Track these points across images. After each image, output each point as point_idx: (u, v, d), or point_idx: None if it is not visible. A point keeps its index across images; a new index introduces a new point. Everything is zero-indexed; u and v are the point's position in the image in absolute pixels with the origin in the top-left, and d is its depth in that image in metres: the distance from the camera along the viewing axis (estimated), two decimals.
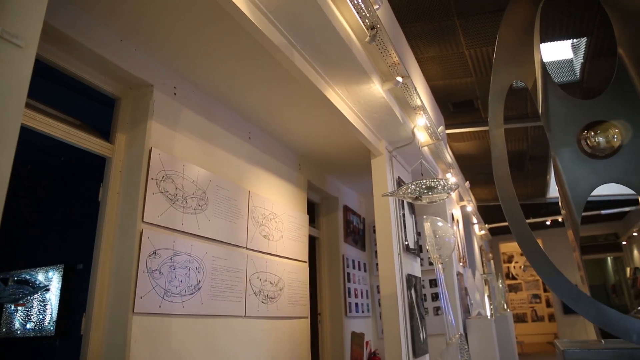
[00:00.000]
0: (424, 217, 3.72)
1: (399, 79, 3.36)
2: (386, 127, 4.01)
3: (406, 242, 4.25)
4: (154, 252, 2.77)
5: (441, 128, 4.81)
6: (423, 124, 4.15)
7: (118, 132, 2.94)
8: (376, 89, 3.38)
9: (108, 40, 2.71)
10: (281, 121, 4.13)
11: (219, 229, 3.42)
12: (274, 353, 3.81)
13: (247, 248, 3.71)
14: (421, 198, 3.21)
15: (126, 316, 2.52)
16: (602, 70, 4.98)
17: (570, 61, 5.26)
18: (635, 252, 13.02)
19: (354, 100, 3.53)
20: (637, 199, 1.96)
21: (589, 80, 5.15)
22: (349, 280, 5.70)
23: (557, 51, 5.22)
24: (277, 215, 4.25)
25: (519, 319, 14.76)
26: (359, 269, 6.16)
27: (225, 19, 2.63)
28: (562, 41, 4.64)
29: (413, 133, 4.20)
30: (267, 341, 3.77)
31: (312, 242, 5.44)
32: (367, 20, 2.80)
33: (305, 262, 4.64)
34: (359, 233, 6.37)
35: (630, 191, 1.91)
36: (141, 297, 2.60)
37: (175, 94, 3.22)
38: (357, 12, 2.75)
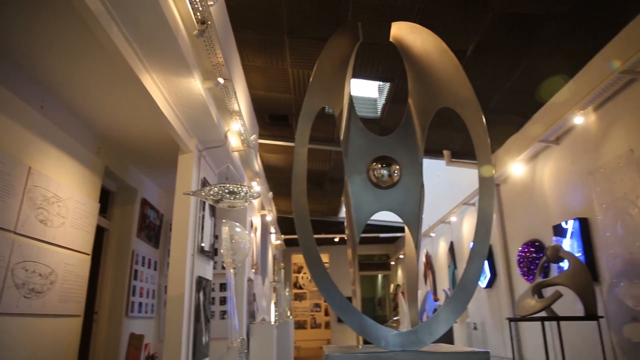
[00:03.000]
0: (224, 221, 3.73)
1: (221, 80, 3.34)
2: (200, 126, 3.92)
3: (202, 244, 4.19)
4: None
5: (254, 137, 4.92)
6: (237, 130, 4.18)
7: None
8: (196, 85, 3.29)
9: None
10: (84, 96, 3.69)
11: None
12: (31, 356, 3.31)
13: (14, 232, 3.17)
14: (222, 201, 3.21)
15: None
16: (398, 113, 5.77)
17: (375, 100, 5.97)
18: (399, 271, 15.29)
19: (171, 91, 3.36)
20: (404, 227, 2.28)
21: (386, 120, 5.92)
22: (135, 278, 5.34)
23: (366, 89, 5.88)
24: (61, 199, 3.76)
25: (300, 325, 15.83)
26: (149, 267, 5.83)
27: None
28: (371, 81, 5.25)
29: (226, 136, 4.20)
30: (24, 343, 3.25)
31: (100, 233, 4.95)
32: (198, 14, 2.72)
33: (88, 254, 4.20)
34: (155, 229, 6.04)
35: (401, 220, 2.25)
36: None
37: None
38: (190, 3, 2.65)
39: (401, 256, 14.39)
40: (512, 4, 3.86)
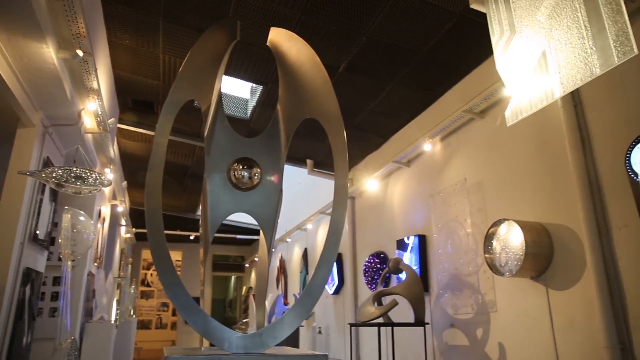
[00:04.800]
0: (66, 207, 3.37)
1: (80, 52, 3.03)
2: (48, 99, 3.50)
3: (37, 232, 3.73)
4: None
5: (113, 120, 4.55)
6: (94, 110, 3.83)
7: None
8: (48, 53, 2.93)
9: None
10: None
11: None
12: None
13: None
14: (67, 186, 2.90)
15: None
16: (267, 117, 5.82)
17: (246, 101, 5.95)
18: (253, 274, 15.35)
19: (15, 54, 2.94)
20: (259, 231, 2.30)
21: (255, 122, 5.93)
22: None
23: (238, 88, 5.83)
24: None
25: (144, 325, 14.94)
26: None
27: None
28: (245, 82, 5.21)
29: (80, 115, 3.81)
30: None
31: None
32: None
33: None
34: None
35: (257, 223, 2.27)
36: None
37: None
38: None
39: (256, 259, 14.46)
40: (383, 33, 4.18)
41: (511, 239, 3.71)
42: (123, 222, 9.00)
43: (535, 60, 2.64)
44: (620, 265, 3.07)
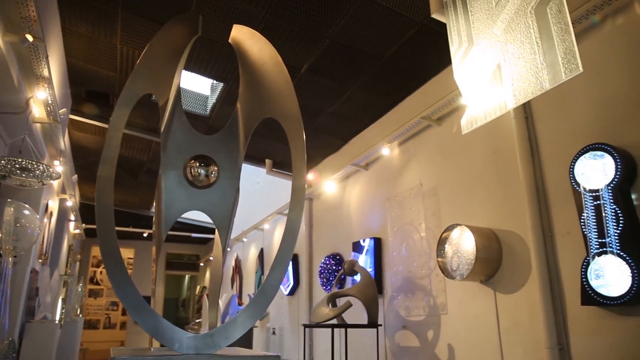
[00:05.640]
0: (9, 200, 3.20)
1: (29, 37, 2.88)
2: None
3: None
4: None
5: (64, 110, 4.36)
6: (43, 99, 3.65)
7: None
8: None
9: None
10: None
11: None
12: None
13: None
14: (10, 178, 2.76)
15: None
16: (227, 115, 5.75)
17: (207, 98, 5.85)
18: (207, 273, 15.09)
19: None
20: (215, 230, 2.27)
21: (215, 119, 5.84)
22: None
23: (199, 84, 5.72)
24: None
25: (91, 325, 14.40)
26: None
27: None
28: (205, 78, 5.12)
29: (28, 104, 3.63)
30: None
31: None
32: None
33: None
34: None
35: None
36: None
37: None
38: None
39: (211, 258, 14.20)
40: (346, 37, 4.22)
41: (463, 243, 3.82)
42: (72, 217, 8.64)
43: (490, 72, 2.74)
44: (562, 270, 3.23)
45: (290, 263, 7.24)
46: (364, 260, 5.51)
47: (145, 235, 12.25)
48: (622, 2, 3.01)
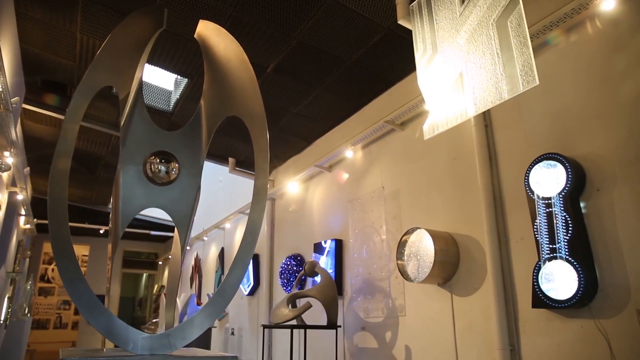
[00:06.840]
0: None
1: None
2: None
3: None
4: None
5: (17, 99, 4.17)
6: None
7: None
8: None
9: None
10: None
11: None
12: None
13: None
14: None
15: None
16: (191, 111, 5.64)
17: (170, 93, 5.73)
18: (166, 272, 14.77)
19: None
20: (174, 227, 2.22)
21: (178, 115, 5.72)
22: None
23: (162, 79, 5.60)
24: None
25: (40, 325, 13.81)
26: None
27: None
28: (169, 72, 5.01)
29: None
30: None
31: None
32: None
33: None
34: None
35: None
36: None
37: None
38: None
39: (170, 256, 13.93)
40: (314, 38, 4.23)
41: (422, 247, 3.90)
42: (23, 211, 8.27)
43: (453, 80, 2.81)
44: (515, 274, 3.35)
45: (251, 263, 7.18)
46: (325, 262, 5.53)
47: (101, 232, 11.88)
48: (576, 20, 3.15)
